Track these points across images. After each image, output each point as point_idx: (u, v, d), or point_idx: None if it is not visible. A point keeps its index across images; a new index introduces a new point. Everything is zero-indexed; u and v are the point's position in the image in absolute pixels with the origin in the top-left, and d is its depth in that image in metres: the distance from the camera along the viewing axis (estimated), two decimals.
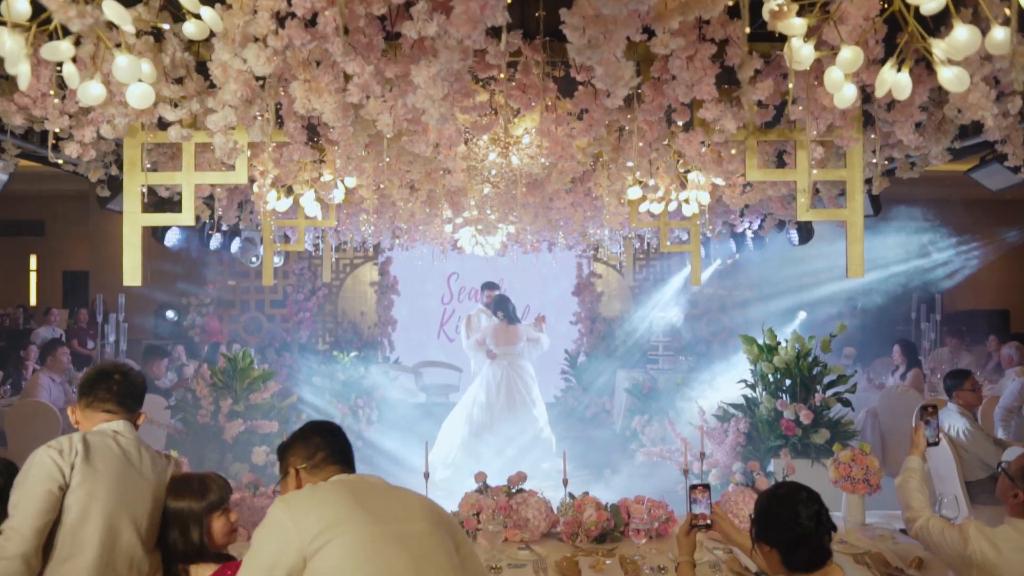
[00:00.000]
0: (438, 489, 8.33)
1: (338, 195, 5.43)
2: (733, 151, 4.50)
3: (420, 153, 3.65)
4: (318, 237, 9.24)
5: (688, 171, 5.51)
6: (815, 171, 4.13)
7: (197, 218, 8.29)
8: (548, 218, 7.22)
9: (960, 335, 11.18)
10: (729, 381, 9.29)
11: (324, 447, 2.49)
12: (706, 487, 3.05)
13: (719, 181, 5.55)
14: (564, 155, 3.54)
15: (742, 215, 8.69)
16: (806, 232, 8.52)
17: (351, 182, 5.44)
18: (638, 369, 11.14)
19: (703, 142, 3.56)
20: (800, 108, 3.04)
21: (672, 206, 5.76)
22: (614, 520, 3.84)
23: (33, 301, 16.80)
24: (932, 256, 12.08)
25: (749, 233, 8.94)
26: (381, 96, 2.80)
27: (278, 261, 12.26)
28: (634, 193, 5.23)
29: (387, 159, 3.85)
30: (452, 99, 2.89)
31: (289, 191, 5.76)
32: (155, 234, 8.32)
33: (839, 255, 11.62)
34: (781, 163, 5.56)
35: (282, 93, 3.42)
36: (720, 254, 11.59)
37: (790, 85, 2.47)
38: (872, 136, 3.85)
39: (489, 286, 9.81)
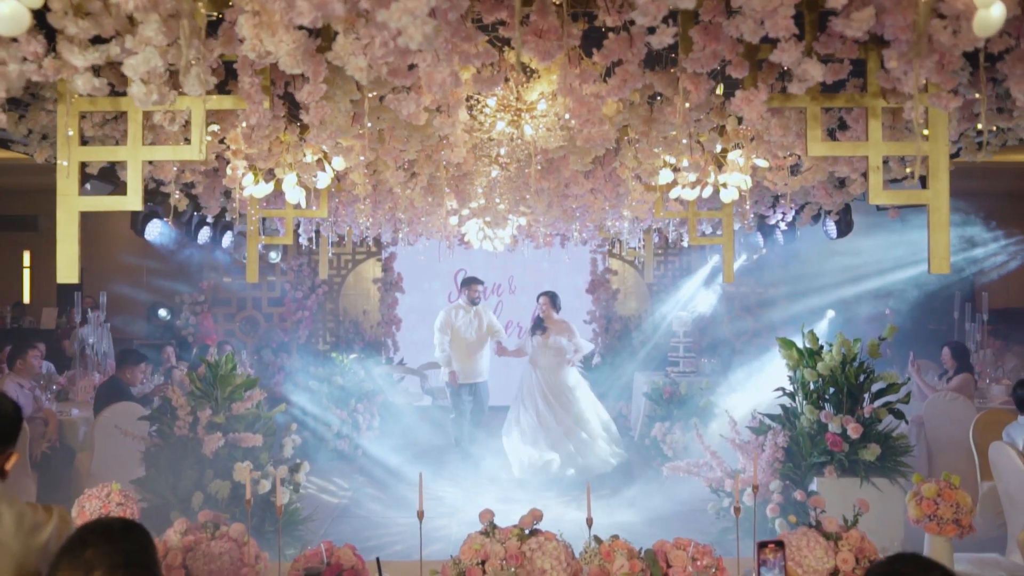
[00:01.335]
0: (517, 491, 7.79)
1: (323, 179, 4.73)
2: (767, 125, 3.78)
3: (411, 119, 2.95)
4: (312, 230, 8.55)
5: (725, 150, 4.79)
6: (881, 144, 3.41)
7: (173, 208, 7.58)
8: (564, 207, 6.50)
9: (1004, 335, 10.40)
10: (758, 386, 8.57)
11: (100, 562, 1.83)
12: (779, 545, 2.34)
13: (761, 162, 4.83)
14: (590, 119, 2.83)
15: (775, 205, 7.94)
16: (845, 224, 7.78)
17: (339, 164, 4.74)
18: (658, 372, 10.41)
19: (767, 101, 2.83)
20: (907, 50, 2.31)
21: (706, 192, 5.04)
22: (650, 571, 3.12)
23: (27, 299, 16.24)
24: (973, 251, 11.28)
25: (783, 225, 8.18)
26: (350, 29, 2.10)
27: (275, 256, 11.62)
28: (665, 176, 4.51)
29: (369, 124, 3.15)
30: (447, 39, 2.21)
31: (272, 175, 5.08)
32: (135, 227, 7.66)
33: (873, 250, 10.83)
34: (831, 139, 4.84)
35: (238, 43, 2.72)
36: (745, 249, 10.85)
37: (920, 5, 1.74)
38: (976, 96, 3.12)
39: (473, 280, 9.18)
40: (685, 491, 7.33)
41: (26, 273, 16.51)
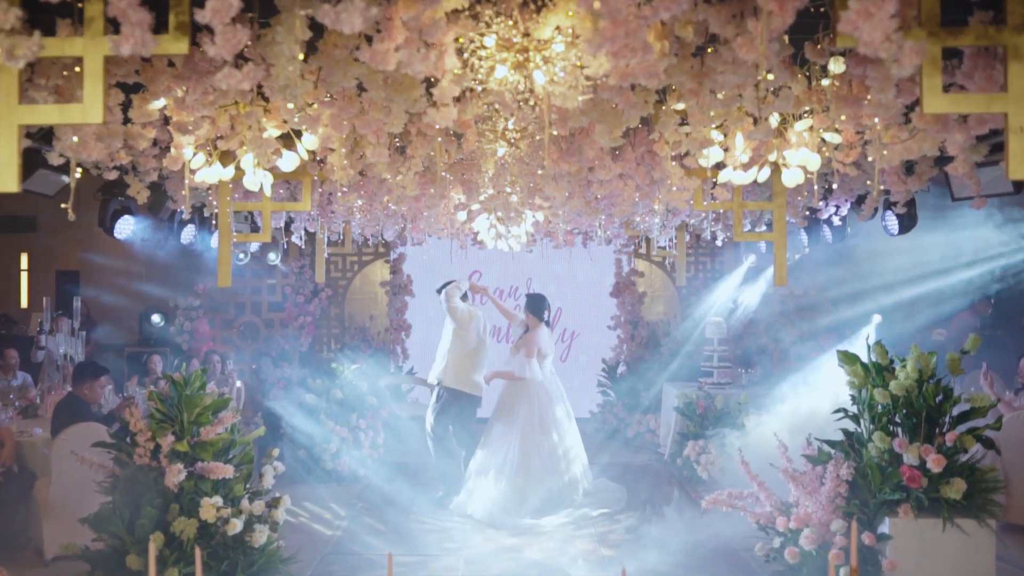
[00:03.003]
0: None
1: (289, 160, 3.86)
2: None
3: (375, 62, 2.07)
4: (302, 227, 7.66)
5: (785, 121, 3.85)
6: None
7: (152, 205, 6.78)
8: (586, 198, 5.58)
9: None
10: (805, 401, 7.62)
11: None
12: None
13: (832, 137, 3.91)
14: (630, 44, 1.95)
15: (826, 196, 6.98)
16: (909, 219, 6.80)
17: (310, 142, 3.88)
18: (690, 384, 9.46)
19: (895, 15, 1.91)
20: None
21: (762, 175, 4.13)
22: None
23: (24, 303, 15.59)
24: None
25: (836, 220, 7.21)
26: None
27: (274, 258, 10.81)
28: (714, 155, 3.59)
29: (303, 57, 2.27)
30: None
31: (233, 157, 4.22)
32: (103, 224, 6.85)
33: (925, 249, 9.80)
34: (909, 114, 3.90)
35: None
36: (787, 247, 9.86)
37: None
38: None
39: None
40: (725, 523, 6.39)
41: (24, 276, 15.87)
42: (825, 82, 3.68)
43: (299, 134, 3.94)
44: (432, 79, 2.55)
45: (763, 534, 5.61)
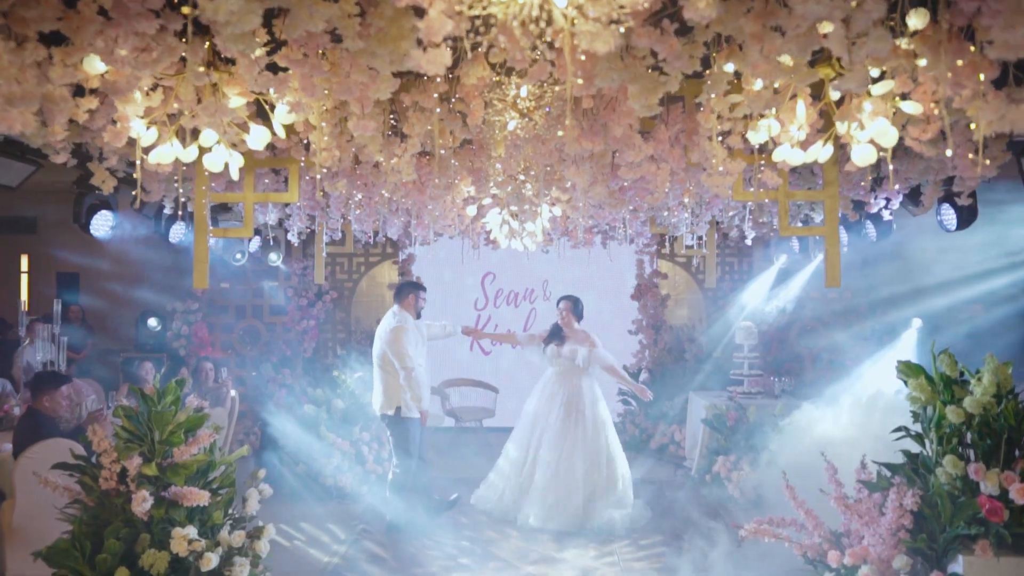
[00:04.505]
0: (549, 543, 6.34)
1: (257, 137, 3.24)
2: None
3: None
4: (301, 225, 7.03)
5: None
6: None
7: (134, 198, 6.21)
8: (610, 187, 4.92)
9: None
10: (850, 415, 6.91)
11: None
12: None
13: (910, 107, 3.23)
14: None
15: (874, 189, 6.30)
16: (970, 212, 6.09)
17: (283, 115, 3.28)
18: (720, 393, 8.78)
19: None
20: None
21: (824, 153, 3.47)
22: None
23: (24, 306, 15.12)
24: None
25: (886, 214, 6.51)
26: None
27: (275, 259, 10.22)
28: (774, 126, 2.95)
29: None
30: None
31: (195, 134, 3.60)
32: (77, 220, 6.27)
33: (976, 247, 9.03)
34: (1002, 78, 3.22)
35: None
36: (821, 247, 9.15)
37: None
38: None
39: (419, 287, 7.23)
40: (763, 552, 5.71)
41: (24, 279, 15.40)
42: (902, 42, 3.01)
43: (274, 108, 3.32)
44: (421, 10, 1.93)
45: (811, 568, 4.94)
